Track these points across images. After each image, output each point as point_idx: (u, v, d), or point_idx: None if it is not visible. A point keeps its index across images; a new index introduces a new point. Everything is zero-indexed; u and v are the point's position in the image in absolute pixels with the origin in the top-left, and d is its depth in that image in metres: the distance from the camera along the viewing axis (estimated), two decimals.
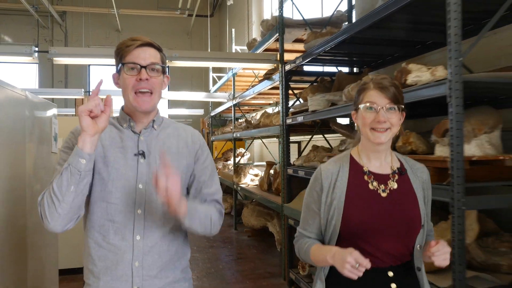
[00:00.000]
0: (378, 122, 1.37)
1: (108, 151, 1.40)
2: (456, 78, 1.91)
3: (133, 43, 1.39)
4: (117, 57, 1.43)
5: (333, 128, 3.46)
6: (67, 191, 1.24)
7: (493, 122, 2.21)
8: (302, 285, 3.93)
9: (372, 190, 1.44)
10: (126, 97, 1.41)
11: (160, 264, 1.42)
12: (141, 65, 1.38)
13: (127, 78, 1.38)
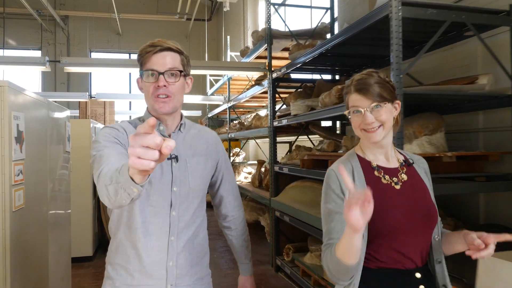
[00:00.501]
0: (367, 124, 1.35)
1: None
2: (398, 92, 2.39)
3: (151, 49, 1.41)
4: (139, 63, 1.46)
5: (312, 130, 3.95)
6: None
7: (434, 126, 2.69)
8: (286, 270, 4.41)
9: (386, 184, 1.39)
10: (148, 102, 1.46)
11: (190, 262, 1.49)
12: (159, 72, 1.40)
13: (147, 85, 1.42)
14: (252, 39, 5.48)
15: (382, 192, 1.36)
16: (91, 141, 5.14)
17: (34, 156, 2.66)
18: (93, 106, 9.23)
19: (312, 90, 4.43)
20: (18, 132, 2.35)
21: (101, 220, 5.77)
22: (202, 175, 1.53)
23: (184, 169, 1.47)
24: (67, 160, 3.66)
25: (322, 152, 3.65)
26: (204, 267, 1.58)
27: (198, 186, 1.51)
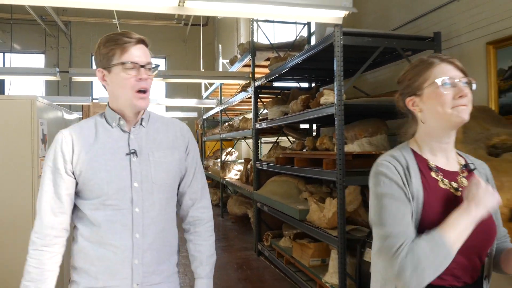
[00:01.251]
0: (461, 97, 1.16)
1: (98, 155, 1.37)
2: (338, 103, 3.06)
3: (130, 41, 1.35)
4: (110, 53, 1.36)
5: (285, 132, 4.61)
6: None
7: (374, 129, 3.36)
8: (266, 253, 5.08)
9: (444, 190, 1.21)
10: (124, 96, 1.37)
11: (157, 260, 1.43)
12: (140, 65, 1.35)
13: (127, 78, 1.34)
14: (239, 50, 6.14)
15: (440, 199, 1.19)
16: None
17: None
18: (95, 108, 9.90)
19: (288, 97, 5.09)
20: (43, 135, 3.02)
21: None
22: (168, 168, 1.45)
23: (146, 163, 1.40)
24: None
25: (291, 151, 4.32)
26: (172, 265, 1.51)
27: (162, 180, 1.43)
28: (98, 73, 1.40)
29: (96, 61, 1.41)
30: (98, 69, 1.39)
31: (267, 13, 2.94)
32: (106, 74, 1.38)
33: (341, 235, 3.08)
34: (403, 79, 1.33)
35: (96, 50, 1.40)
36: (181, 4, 2.58)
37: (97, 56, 1.40)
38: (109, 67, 1.35)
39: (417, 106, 1.26)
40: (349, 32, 3.12)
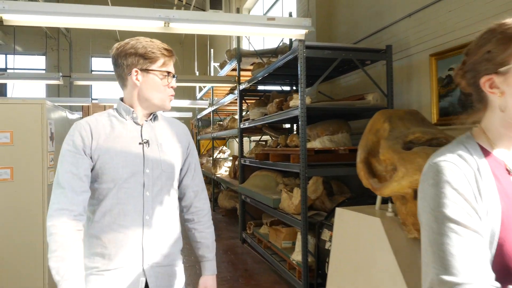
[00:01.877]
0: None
1: (115, 142, 1.49)
2: (301, 107, 3.61)
3: (169, 54, 1.53)
4: (153, 59, 1.50)
5: (264, 131, 5.16)
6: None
7: (334, 128, 3.91)
8: (248, 240, 5.64)
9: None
10: (157, 97, 1.53)
11: (165, 242, 1.53)
12: (174, 75, 1.55)
13: (161, 83, 1.51)
14: (226, 56, 6.70)
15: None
16: None
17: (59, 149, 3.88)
18: (94, 109, 10.42)
19: (269, 100, 5.64)
20: (51, 133, 3.57)
21: None
22: (174, 159, 1.59)
23: (156, 152, 1.54)
24: None
25: (268, 148, 4.88)
26: (178, 250, 1.62)
27: (170, 168, 1.56)
28: (132, 72, 1.50)
29: (128, 58, 1.49)
30: (135, 69, 1.49)
31: (241, 32, 3.49)
32: (140, 75, 1.50)
33: (304, 219, 3.63)
34: (475, 49, 0.99)
35: (132, 47, 1.50)
36: (166, 25, 3.13)
37: (131, 55, 1.49)
38: (149, 70, 1.50)
39: (497, 89, 0.94)
40: (311, 46, 3.67)
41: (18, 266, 3.38)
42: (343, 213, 2.98)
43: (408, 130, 2.71)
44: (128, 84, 1.53)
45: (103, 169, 1.45)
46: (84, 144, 1.46)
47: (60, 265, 1.31)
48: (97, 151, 1.46)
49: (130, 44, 1.51)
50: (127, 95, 1.56)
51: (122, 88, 1.58)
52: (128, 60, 1.49)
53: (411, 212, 2.42)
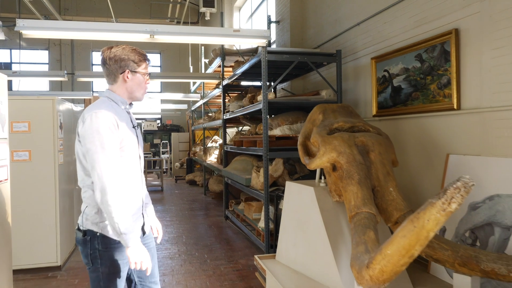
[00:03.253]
0: None
1: (125, 125, 1.94)
2: (264, 101, 4.42)
3: (147, 59, 2.05)
4: (139, 63, 1.99)
5: (241, 121, 5.98)
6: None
7: (293, 119, 4.72)
8: (230, 216, 6.49)
9: None
10: (139, 92, 2.02)
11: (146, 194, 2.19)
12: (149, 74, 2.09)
13: (143, 81, 2.02)
14: (212, 55, 7.49)
15: None
16: None
17: (66, 135, 4.72)
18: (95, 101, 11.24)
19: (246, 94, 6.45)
20: (60, 123, 4.39)
21: None
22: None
23: (139, 133, 2.10)
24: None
25: (242, 136, 5.70)
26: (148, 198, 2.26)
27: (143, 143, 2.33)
28: (124, 72, 1.96)
29: (121, 61, 1.96)
30: (126, 70, 1.96)
31: (214, 42, 4.29)
32: (129, 74, 1.97)
33: (266, 193, 4.46)
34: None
35: (122, 53, 1.96)
36: (151, 36, 3.94)
37: (123, 59, 1.96)
38: (136, 72, 1.99)
39: None
40: (272, 51, 4.47)
41: (34, 231, 4.22)
42: (291, 185, 3.81)
43: (335, 120, 3.53)
44: (119, 80, 1.97)
45: (125, 146, 1.93)
46: (116, 129, 1.88)
47: (126, 220, 1.80)
48: (121, 133, 1.91)
49: (122, 50, 1.97)
50: (117, 89, 1.99)
51: (111, 83, 1.99)
52: (122, 63, 1.94)
53: (332, 181, 3.24)
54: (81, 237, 1.93)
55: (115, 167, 1.82)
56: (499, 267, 2.26)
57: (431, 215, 1.71)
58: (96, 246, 1.91)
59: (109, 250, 1.92)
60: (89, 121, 1.82)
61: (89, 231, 1.91)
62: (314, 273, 3.26)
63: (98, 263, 1.92)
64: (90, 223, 1.91)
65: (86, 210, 1.93)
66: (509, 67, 2.82)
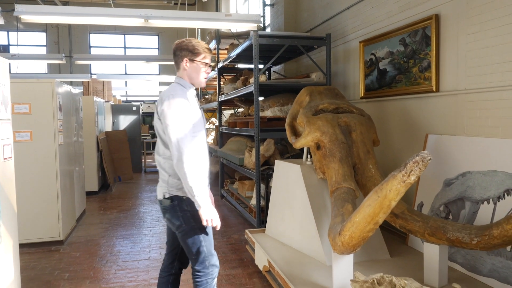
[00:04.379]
0: None
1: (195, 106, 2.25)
2: (255, 84, 4.59)
3: (209, 52, 2.29)
4: (198, 53, 2.24)
5: (235, 103, 6.16)
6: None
7: (284, 101, 4.90)
8: (225, 195, 6.72)
9: None
10: (197, 78, 2.29)
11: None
12: (210, 65, 2.34)
13: (202, 69, 2.28)
14: (208, 38, 7.60)
15: None
16: (94, 111, 7.40)
17: (65, 117, 4.90)
18: (94, 84, 11.37)
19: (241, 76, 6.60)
20: (59, 104, 4.57)
21: (103, 168, 8.05)
22: None
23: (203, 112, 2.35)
24: (81, 121, 5.92)
25: (236, 117, 5.89)
26: None
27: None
28: (184, 59, 2.25)
29: (182, 51, 2.25)
30: (186, 58, 2.25)
31: (207, 26, 4.43)
32: (188, 62, 2.25)
33: (257, 171, 4.67)
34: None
35: (185, 44, 2.25)
36: (146, 21, 4.08)
37: (185, 49, 2.25)
38: (194, 60, 2.26)
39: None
40: (263, 35, 4.62)
41: (37, 208, 4.44)
42: (279, 163, 4.01)
43: (321, 102, 3.71)
44: (181, 68, 2.28)
45: (195, 124, 2.21)
46: (190, 107, 2.22)
47: (199, 185, 2.07)
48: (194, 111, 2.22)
49: (185, 42, 2.28)
50: (182, 75, 2.30)
51: (177, 70, 2.32)
52: (183, 52, 2.26)
53: (317, 159, 3.45)
54: (169, 204, 2.23)
55: (189, 140, 2.10)
56: (463, 236, 2.48)
57: (393, 186, 1.92)
58: (185, 208, 2.22)
59: (196, 210, 2.18)
60: (168, 102, 2.12)
61: (175, 197, 2.22)
62: (300, 245, 3.49)
63: (191, 221, 2.22)
64: (175, 189, 2.22)
65: (170, 179, 2.23)
66: (482, 51, 2.99)
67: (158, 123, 2.22)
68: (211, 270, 2.32)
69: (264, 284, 3.44)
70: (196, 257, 2.28)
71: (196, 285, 2.33)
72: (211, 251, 2.32)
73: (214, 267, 2.33)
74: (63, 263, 3.95)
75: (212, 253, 2.33)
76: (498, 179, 2.82)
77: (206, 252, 2.28)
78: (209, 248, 2.30)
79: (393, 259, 3.26)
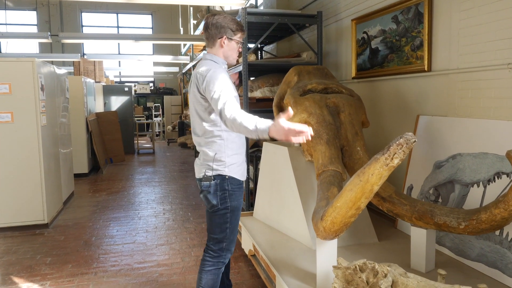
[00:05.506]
0: None
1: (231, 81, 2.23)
2: (244, 64, 4.44)
3: (243, 30, 2.30)
4: (236, 31, 2.25)
5: None
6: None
7: (274, 81, 4.77)
8: None
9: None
10: (232, 56, 2.30)
11: None
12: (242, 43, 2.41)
13: (237, 47, 2.31)
14: (199, 16, 7.41)
15: None
16: (83, 92, 7.24)
17: (49, 97, 4.76)
18: (85, 64, 11.15)
19: None
20: (41, 85, 4.43)
21: (94, 150, 7.94)
22: None
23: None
24: (67, 101, 5.78)
25: None
26: None
27: None
28: (222, 38, 2.23)
29: (221, 29, 2.22)
30: (224, 36, 2.23)
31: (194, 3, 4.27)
32: (226, 41, 2.24)
33: (246, 153, 4.57)
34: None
35: (223, 22, 2.22)
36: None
37: (223, 27, 2.22)
38: (232, 39, 2.26)
39: None
40: (252, 12, 4.45)
41: (20, 191, 4.34)
42: (267, 145, 3.91)
43: (309, 82, 3.59)
44: (217, 44, 2.26)
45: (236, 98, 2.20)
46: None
47: (252, 119, 1.93)
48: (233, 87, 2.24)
49: (223, 19, 2.24)
50: (216, 52, 2.28)
51: (211, 46, 2.28)
52: (221, 29, 2.23)
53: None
54: (210, 182, 2.22)
55: (237, 104, 2.06)
56: (450, 220, 2.40)
57: (375, 170, 1.82)
58: (226, 187, 2.24)
59: (236, 190, 2.28)
60: (209, 76, 2.10)
61: (218, 176, 2.22)
62: (286, 228, 3.42)
63: (227, 201, 2.26)
64: (220, 168, 2.22)
65: (215, 158, 2.21)
66: (475, 29, 2.86)
67: (197, 100, 2.20)
68: (224, 254, 2.34)
69: (250, 268, 3.38)
70: (216, 236, 2.30)
71: (204, 264, 2.34)
72: (233, 235, 2.34)
73: (229, 252, 2.36)
74: (47, 247, 3.88)
75: (232, 237, 2.34)
76: (488, 162, 2.74)
77: (228, 234, 2.31)
78: (232, 231, 2.32)
79: (381, 243, 3.20)
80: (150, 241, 4.02)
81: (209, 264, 2.33)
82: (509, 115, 2.66)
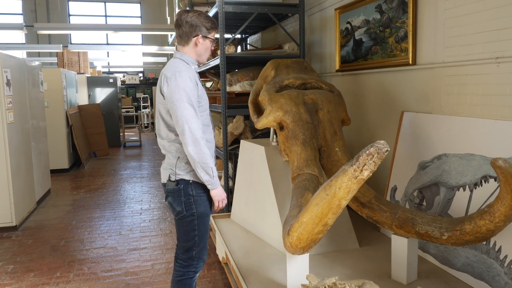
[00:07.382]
0: None
1: (201, 84, 2.19)
2: (222, 56, 4.19)
3: (217, 27, 2.24)
4: (210, 29, 2.16)
5: (207, 76, 5.77)
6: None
7: (254, 74, 4.53)
8: None
9: None
10: (205, 55, 2.22)
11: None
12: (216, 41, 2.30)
13: (210, 45, 2.22)
14: (181, 5, 7.11)
15: None
16: (62, 85, 6.96)
17: (17, 93, 4.50)
18: (69, 55, 10.83)
19: None
20: (7, 79, 4.17)
21: (75, 145, 7.69)
22: None
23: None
24: (41, 95, 5.52)
25: (211, 90, 5.51)
26: None
27: None
28: (197, 36, 2.12)
29: (196, 27, 2.10)
30: (199, 35, 2.12)
31: None
32: (201, 39, 2.14)
33: (225, 150, 4.35)
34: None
35: (196, 18, 2.10)
36: None
37: (197, 25, 2.11)
38: (206, 37, 2.16)
39: None
40: (229, 1, 4.19)
41: None
42: (244, 144, 3.70)
43: (286, 77, 3.35)
44: (191, 43, 2.14)
45: (201, 101, 2.15)
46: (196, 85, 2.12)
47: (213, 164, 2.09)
48: (199, 91, 2.14)
49: (196, 16, 2.12)
50: (188, 51, 2.16)
51: (183, 44, 2.15)
52: (196, 28, 2.11)
53: (281, 141, 3.12)
54: (173, 187, 2.13)
55: (199, 120, 2.04)
56: (432, 230, 2.20)
57: (343, 183, 1.61)
58: (190, 192, 2.14)
59: (201, 195, 2.17)
60: (174, 81, 1.99)
61: (181, 181, 2.13)
62: (262, 233, 3.22)
63: (193, 207, 2.15)
64: (183, 173, 2.12)
65: (178, 162, 2.12)
66: (462, 19, 2.63)
67: (161, 102, 2.11)
68: (195, 263, 2.23)
69: (223, 277, 3.18)
70: (185, 244, 2.20)
71: (175, 274, 2.23)
72: (202, 243, 2.23)
73: (200, 260, 2.25)
74: (11, 253, 3.66)
75: (201, 245, 2.23)
76: (475, 164, 2.53)
77: (197, 241, 2.20)
78: (201, 238, 2.21)
79: (362, 249, 3.00)
80: (121, 245, 3.81)
81: (179, 273, 2.22)
82: (497, 113, 2.45)
